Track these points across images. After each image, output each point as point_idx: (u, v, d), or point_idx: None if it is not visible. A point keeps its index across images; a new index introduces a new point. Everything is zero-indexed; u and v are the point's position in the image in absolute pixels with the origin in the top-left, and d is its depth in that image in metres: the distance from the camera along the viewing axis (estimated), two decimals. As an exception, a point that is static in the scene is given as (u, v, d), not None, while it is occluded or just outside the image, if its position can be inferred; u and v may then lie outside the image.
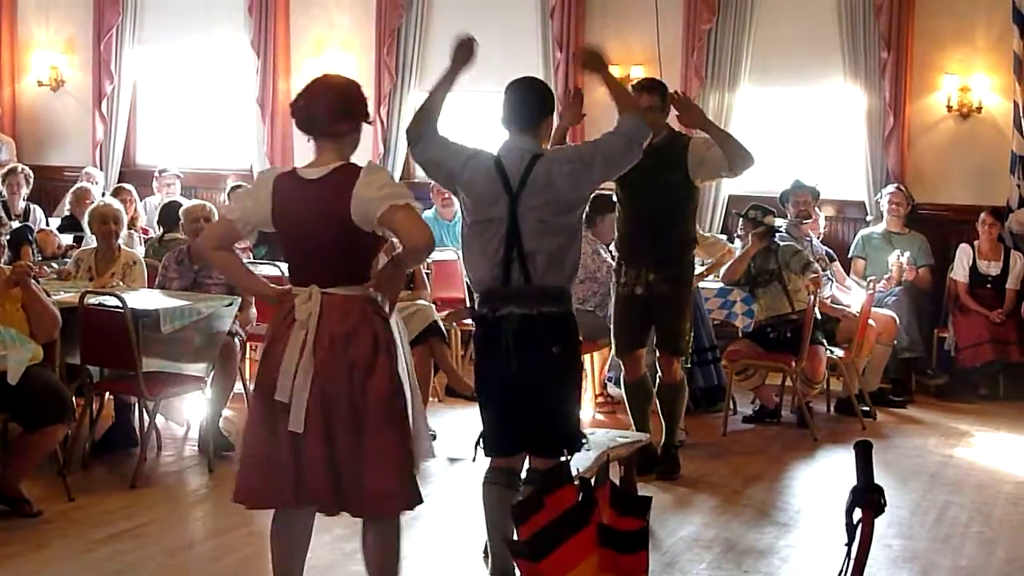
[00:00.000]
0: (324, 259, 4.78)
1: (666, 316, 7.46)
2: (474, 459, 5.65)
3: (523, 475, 5.53)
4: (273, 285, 5.18)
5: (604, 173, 5.58)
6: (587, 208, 5.65)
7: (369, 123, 4.94)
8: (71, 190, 11.69)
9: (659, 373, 7.64)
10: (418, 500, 4.85)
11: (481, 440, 5.57)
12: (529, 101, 5.55)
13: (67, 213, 11.59)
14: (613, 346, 7.83)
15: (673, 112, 7.52)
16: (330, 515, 4.95)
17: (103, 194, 12.11)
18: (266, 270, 9.29)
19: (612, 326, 7.74)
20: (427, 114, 5.65)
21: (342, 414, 4.70)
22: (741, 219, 9.50)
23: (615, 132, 5.59)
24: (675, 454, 7.77)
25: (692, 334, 7.72)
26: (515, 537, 4.60)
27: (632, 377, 7.64)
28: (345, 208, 4.66)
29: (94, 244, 8.85)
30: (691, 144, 7.37)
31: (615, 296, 7.67)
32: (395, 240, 4.98)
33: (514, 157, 5.43)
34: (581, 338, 5.65)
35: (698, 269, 8.51)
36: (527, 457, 5.54)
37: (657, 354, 7.64)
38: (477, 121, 11.10)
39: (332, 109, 4.80)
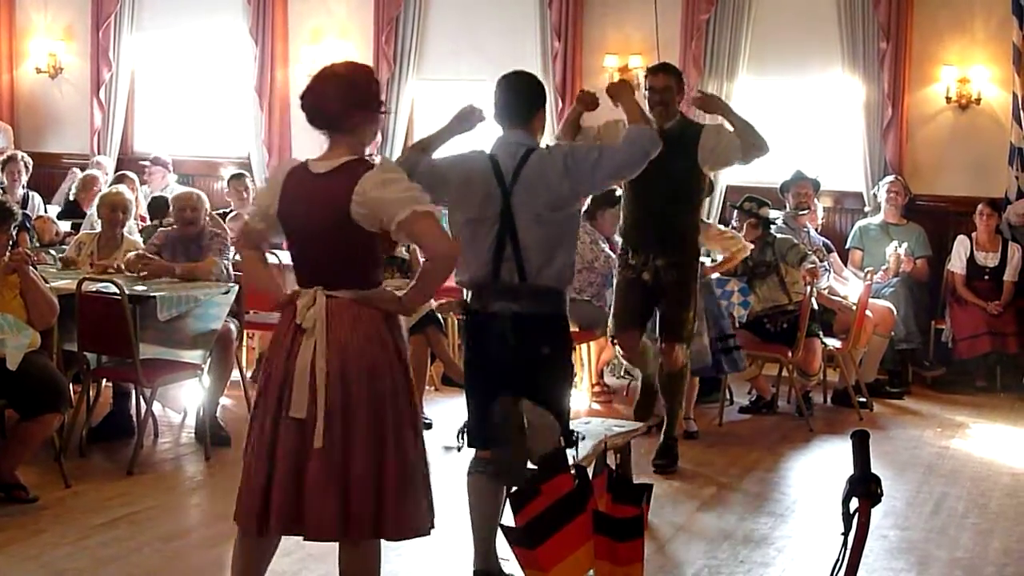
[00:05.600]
0: (327, 260, 4.47)
1: (671, 303, 7.43)
2: (459, 449, 5.66)
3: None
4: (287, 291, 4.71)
5: (606, 176, 5.54)
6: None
7: (383, 112, 4.62)
8: (80, 176, 11.66)
9: (661, 360, 7.62)
10: (432, 525, 4.61)
11: (465, 431, 5.57)
12: (520, 96, 5.51)
13: (71, 199, 11.57)
14: (610, 325, 7.76)
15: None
16: (325, 540, 4.56)
17: (107, 183, 12.12)
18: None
19: (612, 307, 7.70)
20: (418, 151, 5.57)
21: (362, 430, 4.40)
22: (736, 210, 9.49)
23: (624, 139, 5.58)
24: (673, 447, 7.75)
25: (695, 322, 7.69)
26: (512, 524, 4.61)
27: (631, 359, 7.82)
28: (345, 206, 4.35)
29: (94, 229, 8.83)
30: (703, 132, 7.32)
31: (619, 279, 7.62)
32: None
33: (508, 152, 5.40)
34: (577, 328, 5.65)
35: (706, 262, 8.55)
36: None
37: (660, 343, 7.61)
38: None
39: (340, 100, 4.45)
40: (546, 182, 5.33)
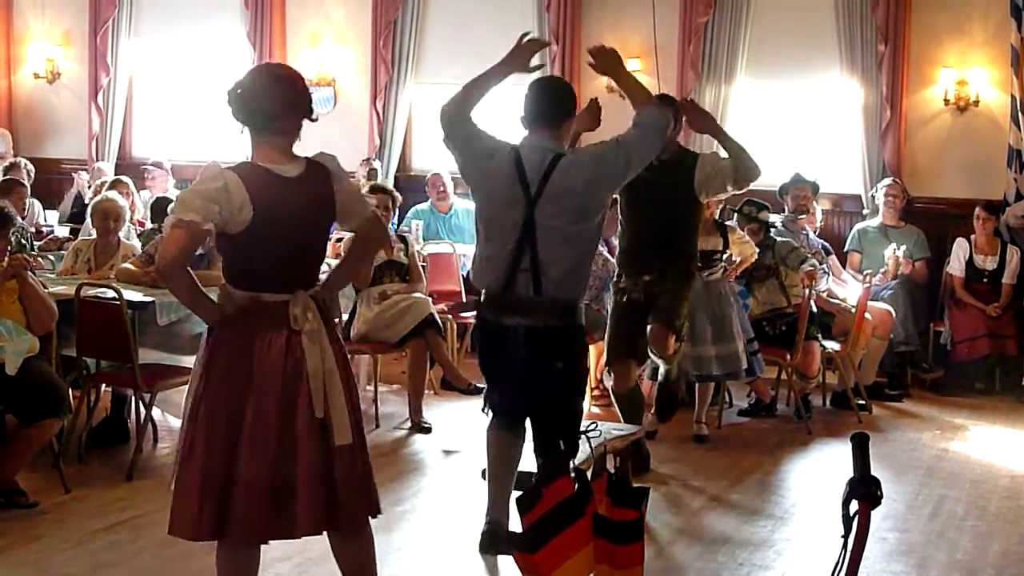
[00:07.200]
0: (308, 261, 4.57)
1: (662, 299, 7.21)
2: (483, 410, 5.73)
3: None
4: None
5: (633, 169, 5.50)
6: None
7: (312, 120, 4.57)
8: (101, 181, 11.61)
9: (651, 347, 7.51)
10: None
11: (488, 401, 5.62)
12: (554, 101, 5.50)
13: (85, 202, 11.56)
14: (605, 353, 7.67)
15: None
16: (356, 531, 4.64)
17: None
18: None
19: (607, 335, 7.60)
20: (465, 102, 5.56)
21: (356, 419, 4.56)
22: (736, 215, 9.49)
23: (636, 126, 5.54)
24: (674, 393, 7.54)
25: (687, 320, 7.61)
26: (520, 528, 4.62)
27: (621, 387, 7.45)
28: (331, 207, 4.49)
29: (91, 235, 8.83)
30: (700, 160, 7.19)
31: (612, 305, 7.54)
32: None
33: (535, 157, 5.36)
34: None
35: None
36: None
37: (649, 328, 7.32)
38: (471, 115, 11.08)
39: (282, 104, 4.45)
40: (574, 192, 5.30)
